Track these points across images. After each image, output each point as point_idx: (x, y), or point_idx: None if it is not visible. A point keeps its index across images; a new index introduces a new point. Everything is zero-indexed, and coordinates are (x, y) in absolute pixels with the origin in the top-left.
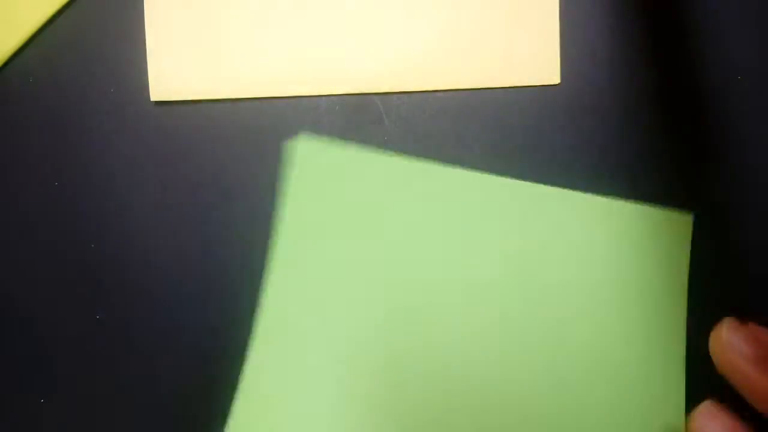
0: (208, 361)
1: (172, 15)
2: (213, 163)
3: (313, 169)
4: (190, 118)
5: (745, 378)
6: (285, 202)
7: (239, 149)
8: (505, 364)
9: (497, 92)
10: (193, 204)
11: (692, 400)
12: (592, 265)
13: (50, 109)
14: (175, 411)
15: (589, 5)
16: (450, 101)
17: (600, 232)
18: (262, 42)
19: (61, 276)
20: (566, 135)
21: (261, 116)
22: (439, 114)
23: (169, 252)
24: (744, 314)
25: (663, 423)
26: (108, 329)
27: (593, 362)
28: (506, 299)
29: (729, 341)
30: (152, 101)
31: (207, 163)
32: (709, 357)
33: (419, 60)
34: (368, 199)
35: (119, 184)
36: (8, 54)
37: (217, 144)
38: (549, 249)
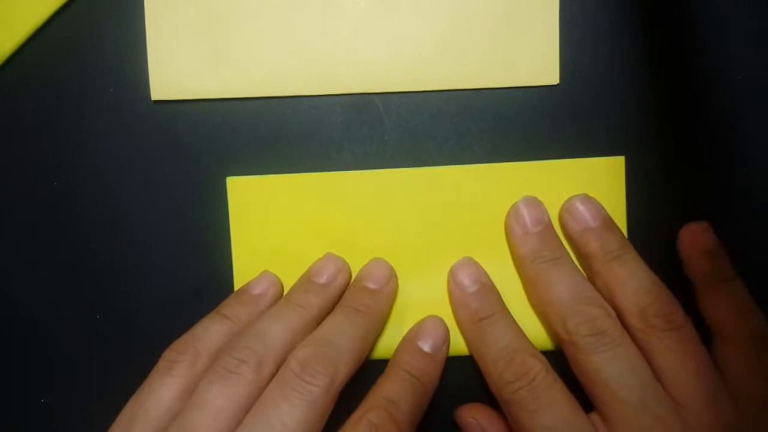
0: None
1: (173, 15)
2: (213, 162)
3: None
4: (191, 118)
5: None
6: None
7: (239, 148)
8: None
9: (497, 92)
10: (193, 202)
11: None
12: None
13: (50, 108)
14: None
15: (588, 6)
16: (450, 101)
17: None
18: (263, 42)
19: (60, 275)
20: (565, 135)
21: (261, 115)
22: (438, 114)
23: (169, 251)
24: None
25: None
26: (108, 329)
27: None
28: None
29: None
30: (153, 100)
31: (207, 162)
32: None
33: (419, 60)
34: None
35: (119, 182)
36: (7, 53)
37: (217, 143)
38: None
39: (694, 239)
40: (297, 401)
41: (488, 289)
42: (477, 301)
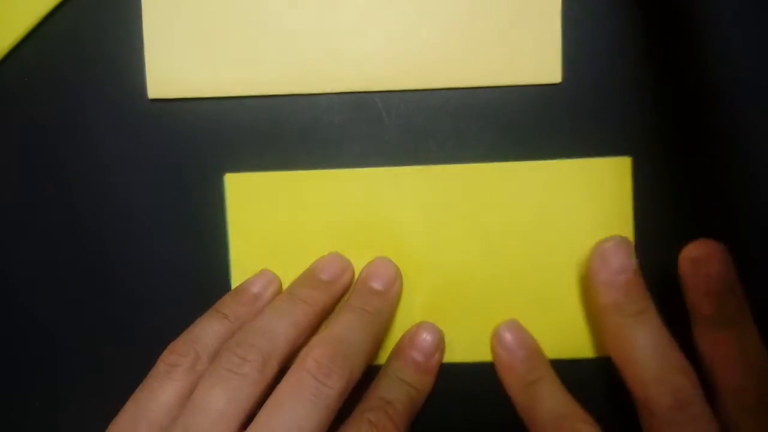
0: None
1: (170, 12)
2: (210, 161)
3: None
4: (188, 116)
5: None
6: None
7: (237, 148)
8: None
9: (498, 91)
10: (190, 201)
11: None
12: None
13: (47, 107)
14: None
15: (590, 4)
16: (451, 99)
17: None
18: (261, 40)
19: (58, 274)
20: (566, 134)
21: (259, 115)
22: (439, 112)
23: (167, 248)
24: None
25: None
26: (105, 327)
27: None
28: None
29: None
30: (150, 99)
31: (204, 161)
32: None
33: (419, 58)
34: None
35: (116, 181)
36: (4, 52)
37: (214, 142)
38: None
39: (698, 268)
40: (312, 404)
41: (535, 353)
42: (524, 365)
